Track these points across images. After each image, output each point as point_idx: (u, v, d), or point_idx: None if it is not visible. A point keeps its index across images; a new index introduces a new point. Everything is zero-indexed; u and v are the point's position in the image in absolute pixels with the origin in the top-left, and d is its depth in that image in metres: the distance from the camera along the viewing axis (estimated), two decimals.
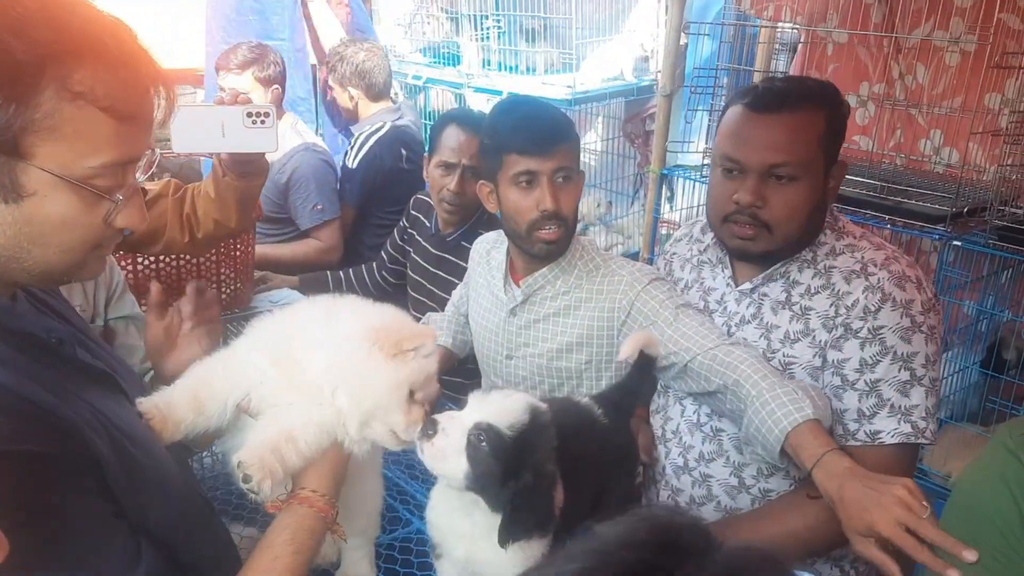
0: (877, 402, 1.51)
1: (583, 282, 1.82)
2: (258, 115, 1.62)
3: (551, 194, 1.72)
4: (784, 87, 1.58)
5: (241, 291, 2.61)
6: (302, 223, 3.30)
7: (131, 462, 0.98)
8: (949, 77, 3.01)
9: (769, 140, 1.53)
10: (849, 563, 1.69)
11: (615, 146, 4.32)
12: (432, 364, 1.29)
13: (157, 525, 1.00)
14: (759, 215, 1.55)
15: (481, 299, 2.01)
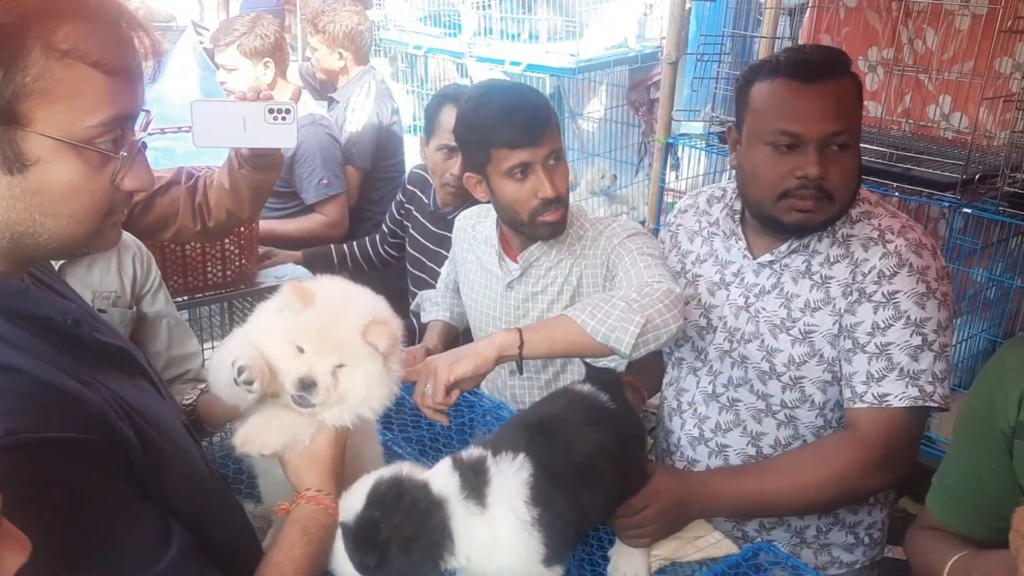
0: (887, 365, 1.51)
1: (575, 248, 1.84)
2: (279, 111, 1.63)
3: (548, 180, 1.73)
4: (820, 55, 1.57)
5: (246, 267, 2.61)
6: (307, 198, 3.27)
7: (153, 445, 0.97)
8: (959, 41, 2.97)
9: (825, 109, 1.51)
10: (864, 530, 1.71)
11: (619, 115, 4.28)
12: (327, 319, 1.23)
13: (180, 507, 0.99)
14: (824, 186, 1.52)
15: (472, 275, 2.00)
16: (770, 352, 1.63)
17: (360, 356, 1.22)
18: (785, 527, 1.71)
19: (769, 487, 1.54)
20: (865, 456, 1.50)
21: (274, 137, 1.66)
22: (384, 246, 3.08)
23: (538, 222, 1.76)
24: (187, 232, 2.02)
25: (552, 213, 1.76)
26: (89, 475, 0.88)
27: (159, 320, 1.86)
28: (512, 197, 1.76)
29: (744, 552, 1.44)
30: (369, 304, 1.28)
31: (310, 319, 1.23)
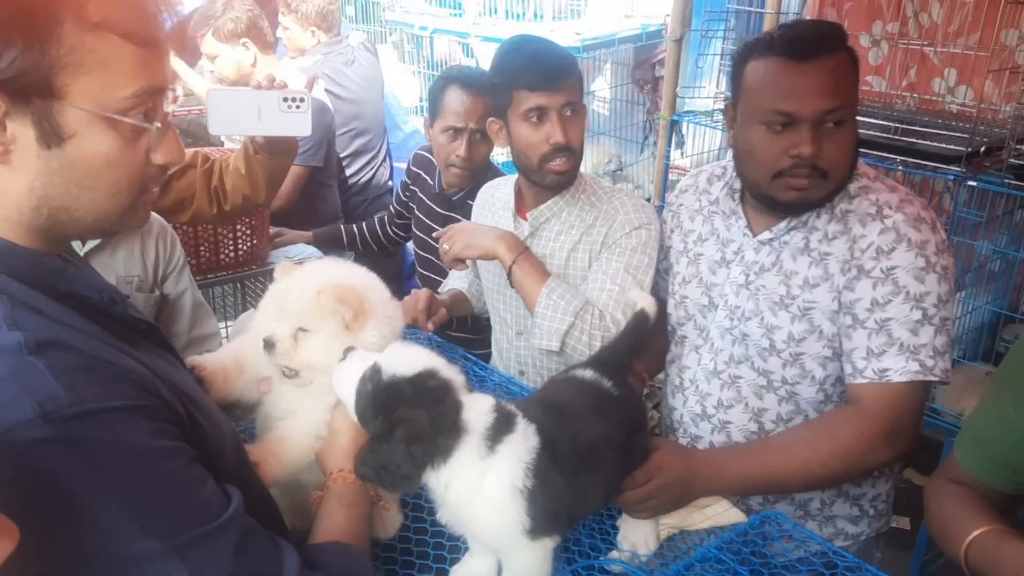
0: (887, 340, 1.52)
1: (586, 214, 1.90)
2: (294, 100, 1.67)
3: (560, 127, 1.81)
4: (814, 31, 1.56)
5: (258, 248, 2.64)
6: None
7: (192, 417, 1.00)
8: (964, 14, 2.96)
9: (819, 87, 1.51)
10: (868, 502, 1.73)
11: (624, 93, 4.28)
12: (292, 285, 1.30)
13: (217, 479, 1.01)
14: (818, 164, 1.53)
15: None
16: (770, 329, 1.64)
17: (318, 321, 1.25)
18: (789, 500, 1.73)
19: (775, 465, 1.54)
20: (869, 430, 1.50)
21: (289, 125, 1.69)
22: (391, 227, 3.10)
23: (547, 169, 1.84)
24: (204, 215, 2.05)
25: (561, 162, 1.83)
26: (155, 436, 0.91)
27: (182, 300, 1.90)
28: (526, 140, 1.84)
29: (752, 521, 1.45)
30: (339, 274, 1.32)
31: (280, 287, 1.31)
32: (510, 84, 1.83)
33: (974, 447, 1.39)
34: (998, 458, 1.35)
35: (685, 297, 1.81)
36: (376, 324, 1.29)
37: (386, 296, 1.35)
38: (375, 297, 1.31)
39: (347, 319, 1.25)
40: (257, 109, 1.66)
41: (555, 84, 1.79)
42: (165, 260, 1.84)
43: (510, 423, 1.19)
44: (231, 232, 2.56)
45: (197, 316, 1.91)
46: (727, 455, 1.59)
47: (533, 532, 1.18)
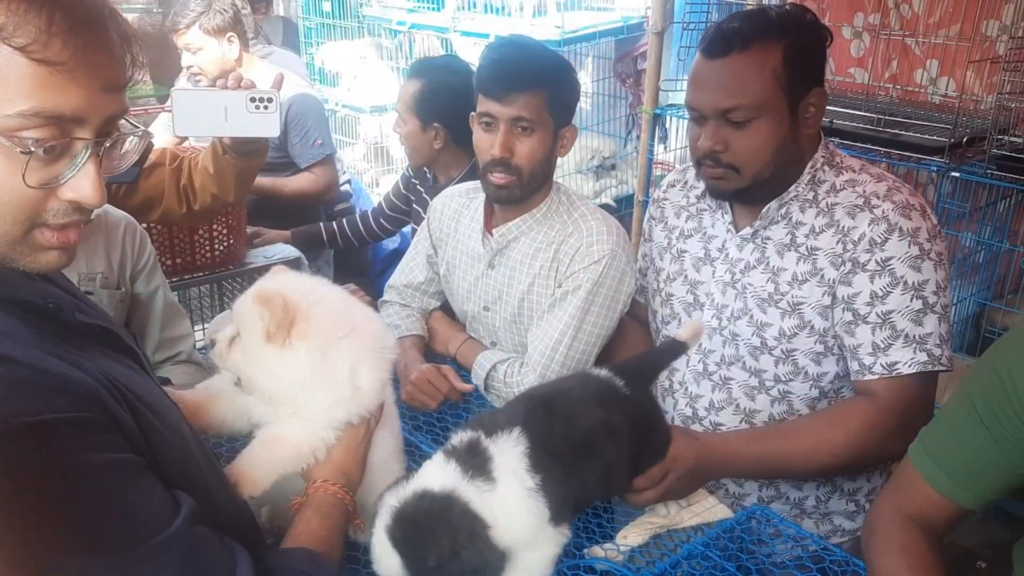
0: (891, 333, 1.50)
1: (555, 235, 1.85)
2: (261, 100, 1.62)
3: (503, 142, 1.75)
4: (734, 27, 1.54)
5: (235, 248, 2.60)
6: (302, 160, 3.25)
7: (147, 422, 0.97)
8: (945, 5, 2.96)
9: (719, 85, 1.52)
10: (864, 496, 1.71)
11: (606, 87, 4.25)
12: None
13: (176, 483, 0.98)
14: (723, 159, 1.55)
15: (455, 258, 2.00)
16: (760, 327, 1.62)
17: (246, 324, 1.20)
18: (784, 499, 1.71)
19: (786, 451, 1.54)
20: (882, 421, 1.50)
21: (257, 126, 1.65)
22: (380, 219, 3.07)
23: (487, 179, 1.81)
24: (173, 215, 2.01)
25: (498, 175, 1.78)
26: (94, 449, 0.87)
27: (153, 300, 1.85)
28: (476, 143, 1.82)
29: (739, 516, 1.44)
30: (286, 282, 1.26)
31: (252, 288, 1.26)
32: (476, 84, 1.80)
33: (935, 456, 1.30)
34: (960, 470, 1.27)
35: (671, 295, 1.78)
36: (314, 346, 1.20)
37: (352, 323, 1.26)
38: (317, 316, 1.21)
39: (268, 327, 1.17)
40: (224, 110, 1.61)
41: (507, 95, 1.73)
42: (134, 258, 1.79)
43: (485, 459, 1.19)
44: (207, 232, 2.52)
45: (169, 316, 1.86)
46: (739, 440, 1.58)
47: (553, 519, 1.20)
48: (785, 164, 1.57)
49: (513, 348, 1.94)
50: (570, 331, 1.79)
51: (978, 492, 1.26)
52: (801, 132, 1.56)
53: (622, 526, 1.46)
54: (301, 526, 1.15)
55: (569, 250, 1.83)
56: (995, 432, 1.21)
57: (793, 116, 1.54)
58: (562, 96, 1.81)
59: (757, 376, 1.65)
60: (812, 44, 1.56)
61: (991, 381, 1.22)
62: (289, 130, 3.19)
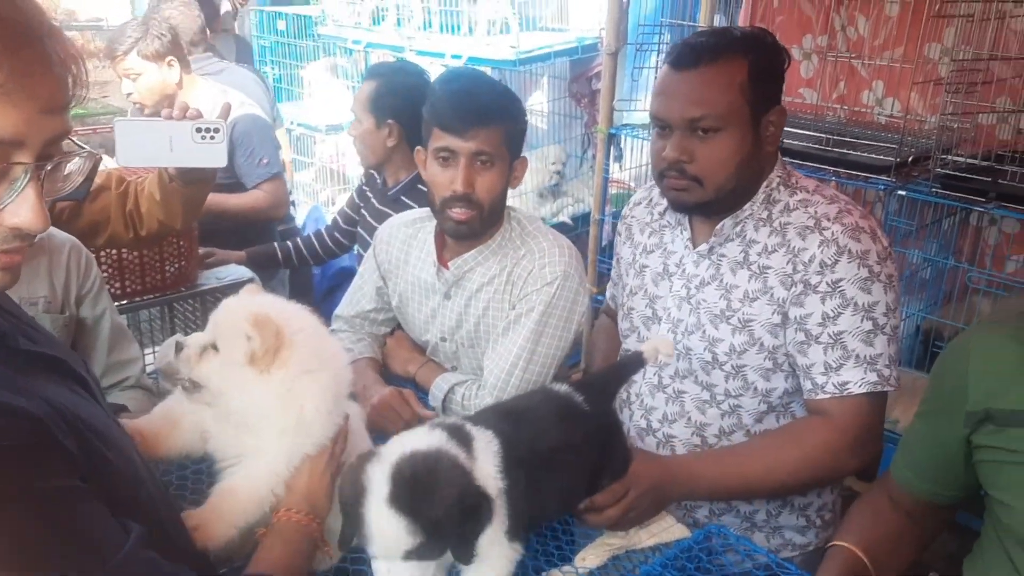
0: (843, 353, 1.53)
1: (508, 259, 1.85)
2: (207, 130, 1.60)
3: (464, 176, 1.73)
4: (703, 41, 1.58)
5: (186, 269, 2.55)
6: (249, 180, 3.22)
7: (94, 450, 0.94)
8: (889, 28, 3.04)
9: (687, 95, 1.55)
10: (815, 511, 1.73)
11: (562, 107, 4.28)
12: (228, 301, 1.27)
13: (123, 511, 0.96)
14: (687, 170, 1.58)
15: (407, 290, 1.98)
16: (712, 342, 1.64)
17: (229, 340, 1.19)
18: (734, 512, 1.72)
19: (745, 471, 1.56)
20: (834, 440, 1.53)
21: (203, 156, 1.62)
22: (336, 233, 3.05)
23: (446, 214, 1.78)
24: (119, 239, 1.98)
25: (459, 211, 1.76)
26: (39, 477, 0.85)
27: (99, 324, 1.80)
28: (432, 179, 1.79)
29: (696, 536, 1.45)
30: (276, 307, 1.25)
31: (224, 302, 1.25)
32: (430, 118, 1.78)
33: (904, 459, 1.44)
34: (924, 472, 1.40)
35: (632, 309, 1.81)
36: (288, 376, 1.20)
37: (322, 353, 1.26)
38: (302, 347, 1.21)
39: (255, 350, 1.17)
40: (168, 140, 1.59)
41: (467, 130, 1.71)
42: (79, 281, 1.75)
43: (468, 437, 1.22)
44: (158, 254, 2.47)
45: (116, 340, 1.81)
46: (700, 461, 1.60)
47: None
48: (746, 179, 1.60)
49: (472, 371, 1.93)
50: (525, 353, 1.79)
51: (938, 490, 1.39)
52: (762, 148, 1.59)
53: (580, 548, 1.46)
54: (263, 553, 1.15)
55: (522, 272, 1.83)
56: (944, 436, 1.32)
57: (755, 131, 1.57)
58: (516, 129, 1.82)
59: (708, 390, 1.67)
60: (774, 63, 1.59)
61: (929, 384, 1.38)
62: (235, 150, 3.15)
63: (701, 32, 1.64)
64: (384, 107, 2.60)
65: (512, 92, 1.91)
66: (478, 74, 1.96)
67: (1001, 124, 2.76)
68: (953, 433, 1.30)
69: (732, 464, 1.58)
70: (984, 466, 1.28)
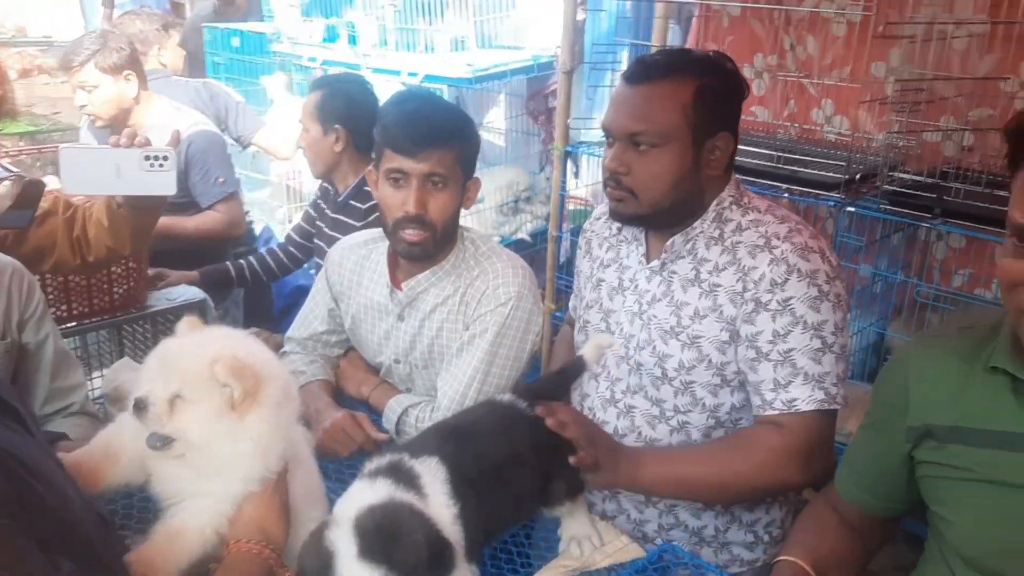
0: (791, 371, 1.55)
1: (460, 284, 1.85)
2: (156, 158, 1.57)
3: (417, 198, 1.73)
4: (657, 59, 1.61)
5: (135, 290, 2.50)
6: (204, 199, 3.17)
7: (24, 484, 0.91)
8: (837, 47, 3.10)
9: (631, 109, 1.59)
10: (763, 528, 1.74)
11: (519, 124, 4.30)
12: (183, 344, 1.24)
13: (55, 546, 0.93)
14: (623, 181, 1.60)
15: (361, 312, 1.97)
16: (662, 358, 1.65)
17: (203, 391, 1.17)
18: (683, 527, 1.73)
19: (690, 470, 1.58)
20: (783, 448, 1.53)
21: (151, 184, 1.59)
22: (290, 247, 3.03)
23: (399, 235, 1.78)
24: (66, 265, 1.94)
25: (412, 232, 1.75)
26: None
27: (42, 350, 1.75)
28: (384, 200, 1.79)
29: (650, 556, 1.46)
30: (244, 348, 1.23)
31: (172, 345, 1.21)
32: (381, 140, 1.77)
33: (847, 472, 1.47)
34: (865, 484, 1.43)
35: (587, 322, 1.82)
36: (264, 414, 1.19)
37: (286, 386, 1.26)
38: (273, 384, 1.21)
39: (236, 396, 1.16)
40: (116, 167, 1.56)
41: (419, 151, 1.71)
42: (21, 306, 1.70)
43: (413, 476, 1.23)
44: (106, 275, 2.41)
45: (60, 366, 1.77)
46: (647, 457, 1.60)
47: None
48: (683, 198, 1.61)
49: (426, 392, 1.92)
50: (479, 375, 1.78)
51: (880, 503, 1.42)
52: (703, 171, 1.61)
53: (536, 569, 1.46)
54: None
55: (476, 293, 1.83)
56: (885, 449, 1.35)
57: (697, 153, 1.58)
58: (469, 150, 1.82)
59: (658, 405, 1.69)
60: (727, 90, 1.61)
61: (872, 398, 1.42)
62: (189, 168, 3.12)
63: (661, 50, 1.67)
64: (330, 114, 2.66)
65: (464, 113, 1.92)
66: (430, 95, 1.96)
67: (946, 141, 2.83)
68: (895, 448, 1.32)
69: (679, 462, 1.60)
70: (926, 481, 1.30)
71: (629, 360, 1.70)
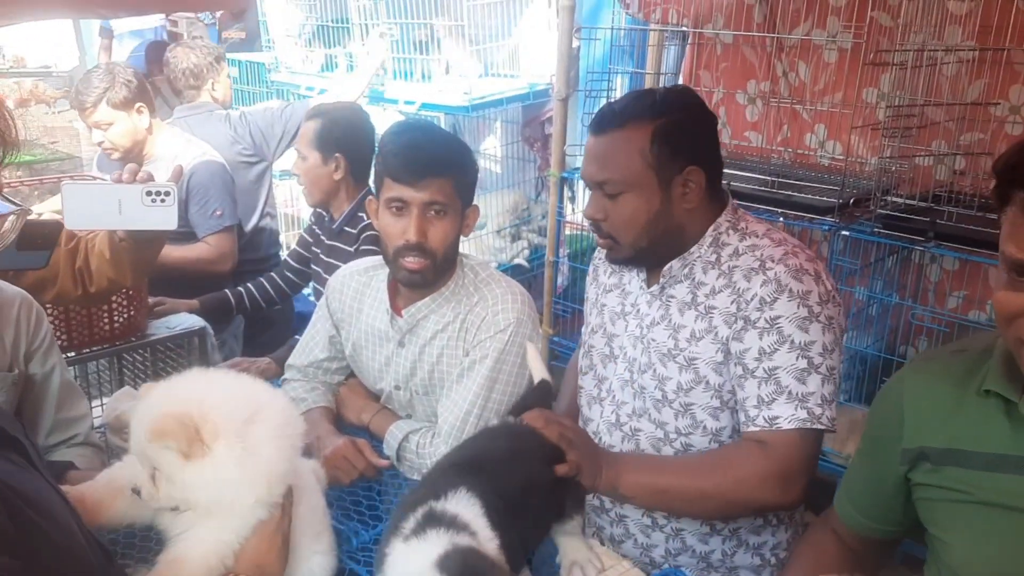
0: (775, 389, 1.56)
1: (460, 311, 1.87)
2: (158, 194, 1.58)
3: (417, 226, 1.75)
4: (615, 108, 1.67)
5: (135, 319, 2.51)
6: (200, 230, 3.18)
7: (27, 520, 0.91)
8: (829, 74, 3.15)
9: (596, 159, 1.65)
10: (769, 550, 1.74)
11: (515, 151, 4.34)
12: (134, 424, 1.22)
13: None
14: (602, 227, 1.67)
15: (362, 339, 1.98)
16: (661, 380, 1.67)
17: (159, 458, 1.17)
18: (690, 552, 1.73)
19: (670, 480, 1.59)
20: (764, 466, 1.54)
21: (153, 219, 1.61)
22: (287, 272, 3.04)
23: (399, 263, 1.79)
24: (67, 296, 1.95)
25: (412, 260, 1.77)
26: None
27: (49, 381, 1.76)
28: (384, 229, 1.81)
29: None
30: (173, 397, 1.21)
31: (132, 419, 1.21)
32: (381, 169, 1.80)
33: (845, 496, 1.48)
34: (863, 507, 1.44)
35: (592, 347, 1.84)
36: (229, 443, 1.17)
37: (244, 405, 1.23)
38: (216, 414, 1.18)
39: (181, 450, 1.15)
40: (118, 203, 1.57)
41: (420, 180, 1.74)
42: (28, 337, 1.70)
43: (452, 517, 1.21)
44: (106, 304, 2.42)
45: (65, 397, 1.77)
46: (627, 464, 1.62)
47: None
48: (660, 236, 1.65)
49: (427, 418, 1.93)
50: (479, 400, 1.79)
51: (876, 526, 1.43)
52: (678, 207, 1.64)
53: None
54: None
55: (475, 319, 1.84)
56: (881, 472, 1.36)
57: (665, 192, 1.62)
58: (468, 178, 1.85)
59: (661, 428, 1.70)
60: (687, 125, 1.63)
61: (867, 421, 1.43)
62: (189, 199, 3.14)
63: (624, 96, 1.74)
64: (330, 142, 2.68)
65: (463, 143, 1.94)
66: (429, 125, 1.99)
67: (938, 165, 2.86)
68: (891, 470, 1.33)
69: (659, 472, 1.62)
70: (922, 504, 1.31)
71: (633, 383, 1.72)
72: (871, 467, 1.40)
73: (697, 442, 1.67)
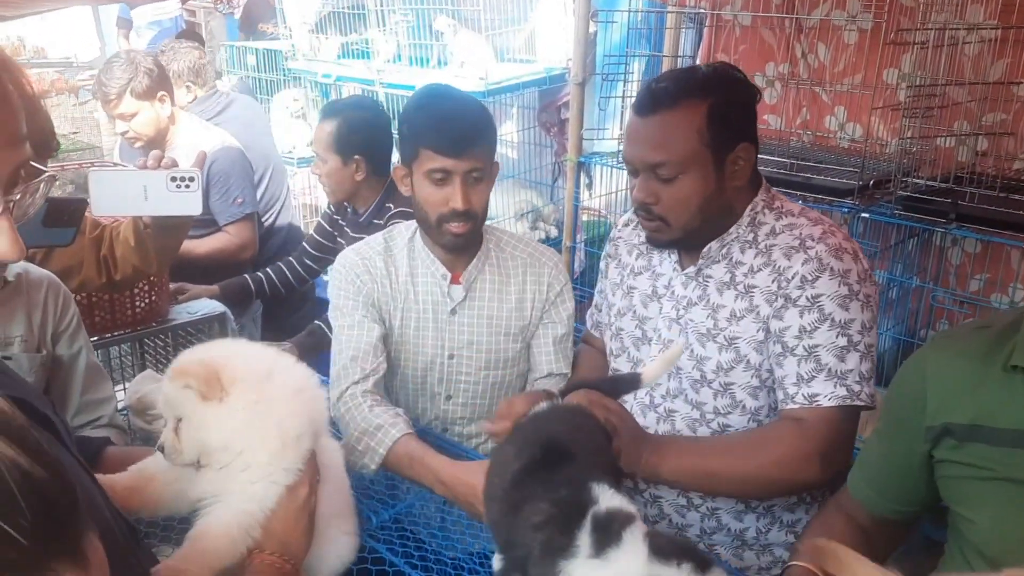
0: (815, 367, 1.56)
1: (508, 270, 1.91)
2: (183, 179, 1.61)
3: (462, 194, 1.77)
4: (663, 87, 1.62)
5: (157, 304, 2.53)
6: (221, 218, 3.21)
7: None
8: (848, 55, 3.12)
9: (647, 141, 1.61)
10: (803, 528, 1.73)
11: (532, 136, 4.33)
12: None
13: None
14: (654, 210, 1.64)
15: (412, 314, 1.89)
16: (700, 360, 1.67)
17: (183, 405, 1.20)
18: (725, 531, 1.74)
19: (711, 462, 1.60)
20: (803, 446, 1.55)
21: (178, 205, 1.63)
22: (305, 259, 3.05)
23: (444, 229, 1.81)
24: (92, 283, 1.98)
25: (459, 225, 1.80)
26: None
27: (75, 363, 1.78)
28: (426, 199, 1.81)
29: None
30: (197, 352, 1.26)
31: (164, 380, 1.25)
32: (415, 140, 1.79)
33: (860, 475, 1.47)
34: (878, 486, 1.43)
35: (621, 329, 1.84)
36: (245, 390, 1.19)
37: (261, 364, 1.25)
38: (236, 363, 1.21)
39: (200, 391, 1.18)
40: (143, 189, 1.60)
41: (461, 152, 1.75)
42: (56, 318, 1.73)
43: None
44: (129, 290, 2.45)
45: (91, 379, 1.80)
46: (669, 447, 1.62)
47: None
48: (713, 215, 1.64)
49: (477, 395, 1.92)
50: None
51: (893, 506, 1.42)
52: (728, 185, 1.63)
53: None
54: None
55: (535, 274, 1.93)
56: (900, 450, 1.36)
57: (719, 171, 1.61)
58: (495, 139, 1.89)
59: (698, 408, 1.70)
60: (738, 102, 1.62)
61: (886, 401, 1.42)
62: (211, 187, 3.16)
63: (665, 74, 1.70)
64: (348, 144, 2.67)
65: (481, 103, 1.95)
66: (453, 92, 1.95)
67: (959, 147, 2.83)
68: (913, 449, 1.33)
69: (700, 454, 1.62)
70: (946, 481, 1.30)
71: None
72: (891, 446, 1.39)
73: (735, 421, 1.68)
